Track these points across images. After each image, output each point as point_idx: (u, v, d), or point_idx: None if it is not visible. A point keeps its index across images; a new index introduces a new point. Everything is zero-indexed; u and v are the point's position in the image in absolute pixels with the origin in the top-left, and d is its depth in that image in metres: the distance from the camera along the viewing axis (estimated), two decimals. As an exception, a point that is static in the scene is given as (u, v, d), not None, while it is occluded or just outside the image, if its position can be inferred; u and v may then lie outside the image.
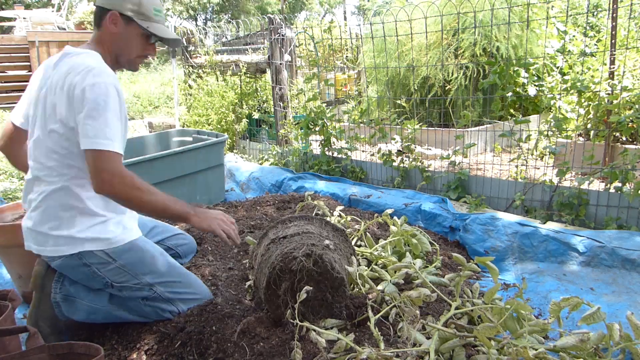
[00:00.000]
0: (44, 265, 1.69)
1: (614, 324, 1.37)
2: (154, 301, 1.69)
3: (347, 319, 1.62)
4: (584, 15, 5.75)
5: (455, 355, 1.42)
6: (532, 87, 4.51)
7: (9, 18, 12.53)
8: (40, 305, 1.68)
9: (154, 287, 1.68)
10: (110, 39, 1.68)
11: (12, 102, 10.29)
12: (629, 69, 3.60)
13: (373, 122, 3.92)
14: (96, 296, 1.69)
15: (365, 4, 21.31)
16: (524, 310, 1.44)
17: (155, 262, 1.72)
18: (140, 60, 1.77)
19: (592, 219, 2.73)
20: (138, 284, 1.67)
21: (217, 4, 21.74)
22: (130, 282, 1.66)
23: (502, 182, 3.14)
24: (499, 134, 3.20)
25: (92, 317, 1.69)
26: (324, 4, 27.42)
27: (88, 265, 1.62)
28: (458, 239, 2.60)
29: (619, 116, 2.91)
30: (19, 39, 10.87)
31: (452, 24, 5.25)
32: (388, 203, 3.00)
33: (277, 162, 4.48)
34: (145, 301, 1.69)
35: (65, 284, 1.68)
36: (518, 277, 2.24)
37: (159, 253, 1.77)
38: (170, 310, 1.71)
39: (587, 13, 4.62)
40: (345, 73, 7.42)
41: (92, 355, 1.33)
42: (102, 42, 1.69)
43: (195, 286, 1.79)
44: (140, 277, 1.67)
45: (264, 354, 1.47)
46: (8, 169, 4.53)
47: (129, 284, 1.66)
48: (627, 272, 2.07)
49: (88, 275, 1.64)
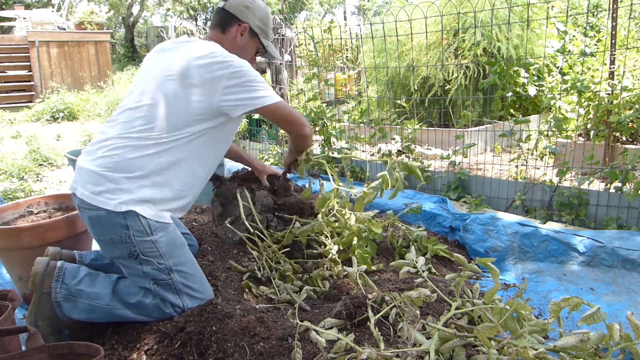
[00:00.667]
0: (43, 265, 1.69)
1: (614, 324, 1.37)
2: (164, 288, 1.68)
3: (347, 319, 1.63)
4: (584, 15, 5.75)
5: (456, 356, 1.42)
6: (532, 87, 4.50)
7: (9, 18, 12.54)
8: (39, 305, 1.68)
9: (172, 273, 1.69)
10: (231, 44, 1.85)
11: (12, 102, 10.31)
12: (629, 69, 3.60)
13: (373, 122, 3.92)
14: (97, 295, 1.69)
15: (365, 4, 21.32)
16: (524, 311, 1.44)
17: (181, 250, 1.74)
18: None
19: (592, 219, 2.73)
20: (162, 264, 1.67)
21: (217, 4, 21.74)
22: (155, 260, 1.66)
23: (502, 182, 3.14)
24: (499, 134, 3.20)
25: (93, 316, 1.69)
26: (324, 4, 27.42)
27: (128, 228, 1.61)
28: (458, 239, 2.60)
29: (619, 116, 2.91)
30: (19, 39, 10.88)
31: (452, 24, 5.25)
32: (388, 203, 3.00)
33: (277, 162, 4.48)
34: (156, 286, 1.68)
35: (66, 282, 1.68)
36: (518, 277, 2.24)
37: (186, 244, 1.79)
38: (175, 303, 1.70)
39: (587, 13, 4.62)
40: (345, 73, 7.42)
41: (92, 355, 1.33)
42: (222, 43, 1.82)
43: (204, 285, 1.80)
44: (166, 259, 1.68)
45: (264, 354, 1.47)
46: (8, 169, 4.53)
47: (153, 261, 1.66)
48: (627, 272, 2.08)
49: (122, 237, 1.62)
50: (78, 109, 9.12)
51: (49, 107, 8.89)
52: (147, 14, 23.63)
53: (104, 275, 1.76)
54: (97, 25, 12.18)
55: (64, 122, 8.61)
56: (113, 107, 8.63)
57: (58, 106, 8.86)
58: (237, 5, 1.87)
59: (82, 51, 11.40)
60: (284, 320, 1.70)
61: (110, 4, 18.31)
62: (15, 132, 6.87)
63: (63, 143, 6.46)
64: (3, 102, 10.15)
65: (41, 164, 5.12)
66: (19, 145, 5.90)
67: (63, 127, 8.01)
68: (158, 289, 1.69)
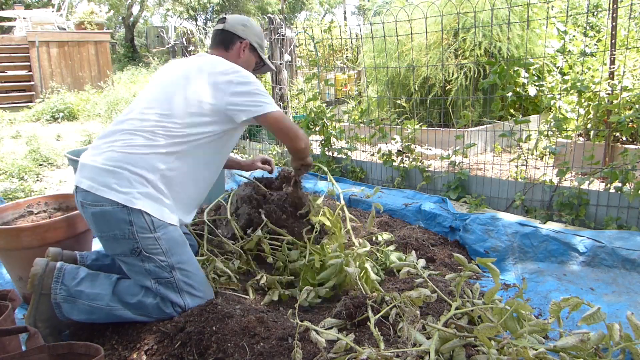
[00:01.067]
0: (42, 266, 1.69)
1: (614, 324, 1.37)
2: (166, 287, 1.69)
3: (347, 319, 1.63)
4: (584, 15, 5.75)
5: (456, 356, 1.42)
6: (532, 87, 4.50)
7: (9, 18, 12.54)
8: (38, 306, 1.67)
9: (174, 270, 1.70)
10: (235, 60, 2.01)
11: (12, 102, 10.31)
12: (629, 69, 3.60)
13: (373, 122, 3.92)
14: (97, 296, 1.69)
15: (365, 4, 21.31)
16: (524, 310, 1.44)
17: (183, 248, 1.76)
18: None
19: (592, 219, 2.73)
20: (164, 262, 1.69)
21: (217, 4, 21.73)
22: (157, 257, 1.68)
23: (502, 182, 3.14)
24: (499, 134, 3.20)
25: (92, 317, 1.69)
26: (324, 4, 27.41)
27: (131, 224, 1.63)
28: (458, 239, 2.60)
29: (619, 116, 2.91)
30: (19, 39, 10.87)
31: (452, 24, 5.25)
32: (388, 203, 3.00)
33: (277, 162, 4.48)
34: (157, 285, 1.69)
35: (65, 284, 1.68)
36: (518, 277, 2.24)
37: (187, 242, 1.81)
38: (176, 302, 1.70)
39: (587, 13, 4.62)
40: (345, 73, 7.42)
41: (92, 355, 1.33)
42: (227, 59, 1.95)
43: (205, 285, 1.81)
44: (168, 256, 1.70)
45: (264, 354, 1.47)
46: (8, 169, 4.53)
47: (156, 258, 1.68)
48: (627, 272, 2.07)
49: (125, 233, 1.64)
50: (78, 109, 9.12)
51: (49, 107, 8.89)
52: (147, 14, 23.63)
53: (104, 275, 1.76)
54: (97, 25, 12.17)
55: (64, 122, 8.61)
56: (113, 107, 8.62)
57: (58, 106, 8.86)
58: (236, 25, 2.08)
59: (82, 51, 11.39)
60: (284, 320, 1.70)
61: (110, 4, 18.31)
62: (15, 132, 6.87)
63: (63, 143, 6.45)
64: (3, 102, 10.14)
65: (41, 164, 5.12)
66: (19, 145, 5.90)
67: (63, 127, 8.01)
68: (159, 287, 1.69)
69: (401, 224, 2.82)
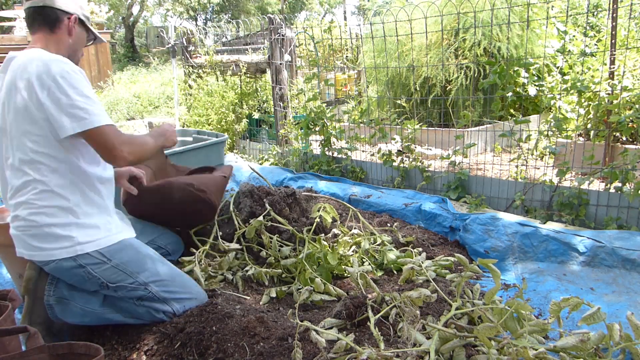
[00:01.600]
0: (37, 269, 1.67)
1: (614, 324, 1.37)
2: (149, 301, 1.69)
3: (347, 319, 1.63)
4: (584, 15, 5.74)
5: (456, 356, 1.42)
6: (532, 87, 4.50)
7: (9, 18, 12.52)
8: (33, 309, 1.66)
9: (148, 286, 1.68)
10: (65, 42, 1.71)
11: (12, 102, 10.30)
12: (629, 69, 3.60)
13: (373, 122, 3.92)
14: (90, 299, 1.68)
15: (365, 4, 21.31)
16: (524, 311, 1.44)
17: (149, 262, 1.72)
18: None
19: (592, 219, 2.73)
20: (133, 283, 1.66)
21: (217, 4, 21.73)
22: (126, 282, 1.65)
23: (502, 182, 3.14)
24: (499, 134, 3.20)
25: (85, 319, 1.69)
26: (324, 4, 27.40)
27: (83, 267, 1.60)
28: (458, 239, 2.60)
29: (619, 116, 2.91)
30: (19, 39, 10.86)
31: (452, 24, 5.25)
32: (388, 203, 3.00)
33: (277, 162, 4.48)
34: (140, 301, 1.68)
35: (59, 287, 1.66)
36: (518, 277, 2.24)
37: (152, 253, 1.78)
38: (165, 310, 1.71)
39: (587, 13, 4.62)
40: (345, 73, 7.41)
41: (92, 355, 1.32)
42: (52, 45, 1.69)
43: (189, 286, 1.79)
44: (136, 276, 1.67)
45: (264, 354, 1.47)
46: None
47: (124, 284, 1.65)
48: (627, 272, 2.07)
49: (83, 277, 1.62)
50: (78, 109, 9.10)
51: (49, 107, 8.87)
52: (147, 14, 23.62)
53: None
54: (97, 25, 12.15)
55: (64, 122, 8.59)
56: (113, 107, 8.61)
57: (58, 106, 8.84)
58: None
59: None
60: (284, 320, 1.70)
61: (110, 4, 18.30)
62: (15, 132, 6.85)
63: (63, 143, 6.44)
64: (3, 102, 10.13)
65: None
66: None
67: (63, 127, 7.98)
68: (143, 302, 1.69)
69: (401, 223, 2.82)
